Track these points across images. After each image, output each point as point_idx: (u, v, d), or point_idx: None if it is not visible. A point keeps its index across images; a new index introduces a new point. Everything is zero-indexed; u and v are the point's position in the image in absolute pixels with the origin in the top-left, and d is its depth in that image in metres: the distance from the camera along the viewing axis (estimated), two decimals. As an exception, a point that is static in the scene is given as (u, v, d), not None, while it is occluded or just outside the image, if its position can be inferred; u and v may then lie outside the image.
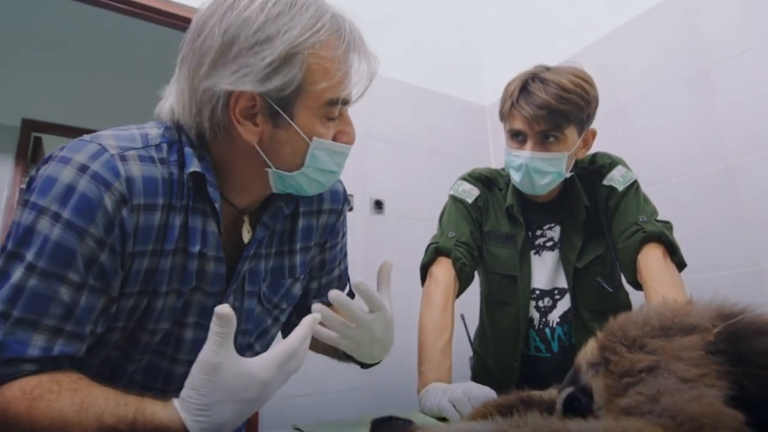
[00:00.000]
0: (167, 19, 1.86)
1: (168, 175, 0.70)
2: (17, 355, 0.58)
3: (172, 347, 0.75)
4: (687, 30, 1.75)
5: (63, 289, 0.61)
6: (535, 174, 1.17)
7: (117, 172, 0.64)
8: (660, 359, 0.38)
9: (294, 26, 0.66)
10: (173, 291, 0.71)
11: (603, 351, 0.42)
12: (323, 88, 0.69)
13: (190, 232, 0.71)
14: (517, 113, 1.16)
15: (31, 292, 0.59)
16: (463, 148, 2.50)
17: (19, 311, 0.59)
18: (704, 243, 1.60)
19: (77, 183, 0.62)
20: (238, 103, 0.68)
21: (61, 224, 0.61)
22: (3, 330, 0.58)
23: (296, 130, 0.70)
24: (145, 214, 0.67)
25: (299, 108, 0.69)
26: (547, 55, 2.01)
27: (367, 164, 2.16)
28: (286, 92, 0.67)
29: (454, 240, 1.24)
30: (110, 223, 0.63)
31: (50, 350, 0.60)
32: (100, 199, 0.63)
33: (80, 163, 0.63)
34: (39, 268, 0.60)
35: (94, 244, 0.62)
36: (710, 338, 0.38)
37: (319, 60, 0.68)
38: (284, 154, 0.71)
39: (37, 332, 0.59)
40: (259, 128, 0.70)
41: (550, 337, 1.28)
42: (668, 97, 1.79)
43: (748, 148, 1.55)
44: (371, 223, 2.11)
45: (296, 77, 0.67)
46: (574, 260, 1.24)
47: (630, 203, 1.21)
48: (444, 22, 2.67)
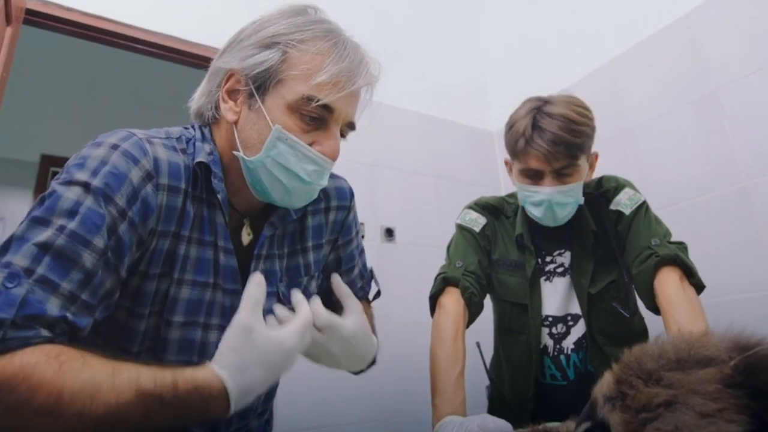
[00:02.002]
0: (183, 58, 1.91)
1: (187, 164, 0.75)
2: (37, 312, 0.56)
3: (198, 353, 0.75)
4: (691, 54, 1.77)
5: (86, 255, 0.61)
6: (558, 207, 1.17)
7: (145, 150, 0.70)
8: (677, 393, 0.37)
9: (285, 23, 0.75)
10: (190, 281, 0.73)
11: (619, 385, 0.42)
12: (295, 76, 0.72)
13: (204, 222, 0.75)
14: (533, 151, 1.14)
15: (57, 251, 0.59)
16: (472, 174, 2.51)
17: (43, 268, 0.58)
18: (721, 266, 1.58)
19: (108, 158, 0.66)
20: (228, 82, 0.77)
21: (92, 192, 0.63)
22: (25, 286, 0.56)
23: (264, 114, 0.73)
24: (169, 195, 0.71)
25: (272, 94, 0.74)
26: (553, 82, 2.04)
27: (377, 193, 2.18)
28: (260, 71, 0.73)
29: (462, 269, 1.23)
30: (134, 195, 0.67)
31: (64, 315, 0.59)
32: (127, 172, 0.66)
33: (112, 143, 0.68)
34: (68, 229, 0.60)
35: (116, 213, 0.65)
36: (727, 371, 0.38)
37: (297, 52, 0.73)
38: (251, 137, 0.75)
39: (55, 295, 0.58)
40: (238, 108, 0.76)
41: (566, 365, 1.25)
42: (676, 121, 1.79)
43: (762, 168, 1.54)
44: (382, 251, 2.11)
45: (272, 60, 0.73)
46: (587, 285, 1.22)
47: (641, 226, 1.19)
48: (451, 51, 2.72)
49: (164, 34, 1.87)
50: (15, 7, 1.51)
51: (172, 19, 1.90)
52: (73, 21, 1.72)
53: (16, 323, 0.54)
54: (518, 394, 1.27)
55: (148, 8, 1.86)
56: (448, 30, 2.75)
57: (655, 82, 1.88)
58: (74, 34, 1.76)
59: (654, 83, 1.88)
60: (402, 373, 1.79)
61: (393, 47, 2.36)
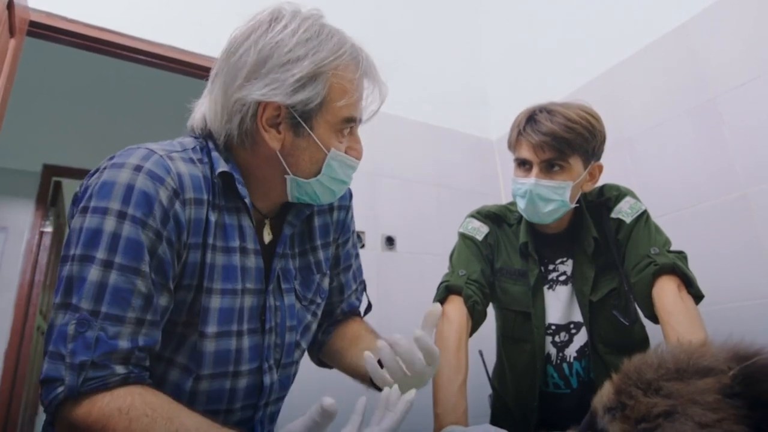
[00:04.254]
0: (184, 68, 1.92)
1: (206, 174, 0.77)
2: (110, 350, 0.62)
3: (234, 362, 0.77)
4: (689, 63, 1.78)
5: (139, 281, 0.66)
6: (539, 201, 1.18)
7: (168, 168, 0.71)
8: (676, 403, 0.37)
9: (321, 50, 0.76)
10: (219, 290, 0.75)
11: (619, 395, 0.42)
12: (341, 105, 0.78)
13: (227, 229, 0.77)
14: (523, 141, 1.19)
15: (114, 288, 0.64)
16: (472, 182, 2.51)
17: (106, 306, 0.63)
18: (722, 273, 1.57)
19: (135, 181, 0.68)
20: (265, 112, 0.76)
21: (129, 221, 0.66)
22: (96, 327, 0.62)
23: (315, 141, 0.78)
24: (195, 208, 0.74)
25: (319, 121, 0.78)
26: (552, 90, 2.05)
27: (378, 201, 2.18)
28: (310, 106, 0.76)
29: (465, 278, 1.24)
30: (165, 215, 0.69)
31: (136, 341, 0.64)
32: (156, 194, 0.68)
33: (134, 164, 0.69)
34: (116, 263, 0.65)
35: (153, 236, 0.68)
36: (726, 381, 0.38)
37: (340, 81, 0.77)
38: (303, 161, 0.79)
39: (124, 325, 0.64)
40: (281, 136, 0.77)
41: (568, 373, 1.25)
42: (674, 129, 1.80)
43: (761, 175, 1.55)
44: (383, 260, 2.11)
45: (320, 93, 0.76)
46: (589, 293, 1.23)
47: (641, 235, 1.20)
48: (451, 60, 2.74)
49: (166, 45, 1.88)
50: (19, 19, 1.53)
51: (173, 30, 1.91)
52: (76, 32, 1.73)
53: (94, 363, 0.61)
54: (522, 403, 1.27)
55: (149, 19, 1.88)
56: (448, 39, 2.76)
57: (654, 90, 1.89)
58: (77, 46, 1.78)
59: (652, 91, 1.89)
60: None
61: (393, 56, 2.37)
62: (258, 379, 0.80)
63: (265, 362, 0.81)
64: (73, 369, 0.60)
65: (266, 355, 0.81)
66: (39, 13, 1.68)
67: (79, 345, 0.61)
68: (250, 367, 0.79)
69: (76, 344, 0.61)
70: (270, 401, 0.84)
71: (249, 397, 0.80)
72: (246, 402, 0.80)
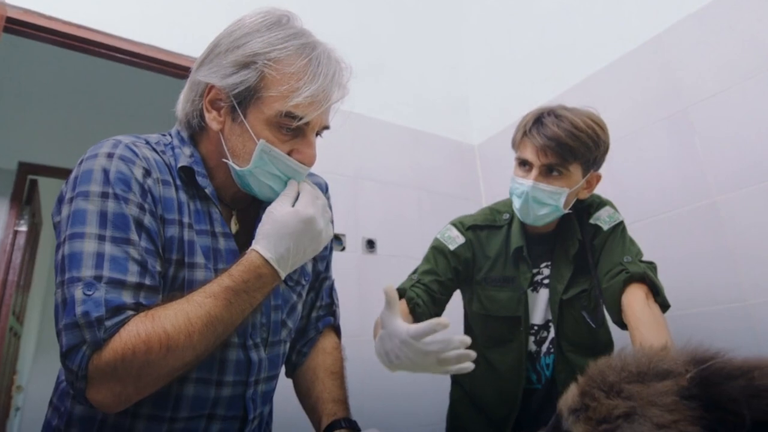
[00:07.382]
0: (161, 67, 1.91)
1: (169, 163, 0.83)
2: (119, 304, 0.67)
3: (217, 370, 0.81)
4: (663, 74, 1.83)
5: (132, 250, 0.71)
6: (534, 203, 1.19)
7: (135, 151, 0.78)
8: (636, 405, 0.39)
9: (260, 41, 0.80)
10: (202, 264, 0.80)
11: (583, 397, 0.43)
12: (274, 96, 0.78)
13: (199, 214, 0.83)
14: (528, 141, 1.20)
15: (111, 256, 0.69)
16: (453, 186, 2.54)
17: (107, 272, 0.68)
18: (691, 279, 1.62)
19: (109, 165, 0.74)
20: (210, 94, 0.82)
21: (111, 198, 0.72)
22: (102, 289, 0.67)
23: (247, 128, 0.80)
24: (164, 187, 0.79)
25: (252, 110, 0.80)
26: (531, 98, 2.08)
27: (359, 204, 2.19)
28: (240, 90, 0.79)
29: (413, 281, 1.27)
30: (143, 190, 0.76)
31: (138, 300, 0.70)
32: (131, 173, 0.75)
33: (106, 152, 0.76)
34: (107, 236, 0.70)
35: (136, 208, 0.74)
36: (683, 383, 0.40)
37: (273, 72, 0.79)
38: (237, 147, 0.82)
39: (125, 288, 0.69)
40: (222, 119, 0.82)
41: (540, 368, 1.28)
42: (649, 138, 1.85)
43: (730, 184, 1.60)
44: (363, 263, 2.12)
45: (250, 80, 0.79)
46: (561, 291, 1.25)
47: (615, 243, 1.23)
48: (433, 65, 2.76)
49: (146, 44, 1.86)
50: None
51: (153, 29, 1.90)
52: (54, 30, 1.70)
53: (108, 317, 0.66)
54: (505, 400, 1.28)
55: (129, 18, 1.86)
56: (430, 45, 2.79)
57: (629, 99, 1.93)
58: (55, 43, 1.75)
59: (628, 101, 1.94)
60: (384, 382, 1.79)
61: (376, 61, 2.39)
62: (245, 355, 0.83)
63: (250, 339, 0.84)
64: (90, 326, 0.65)
65: (251, 333, 0.84)
66: (16, 9, 1.65)
67: (90, 305, 0.65)
68: (236, 341, 0.82)
69: (86, 305, 0.65)
70: (260, 379, 0.87)
71: (239, 372, 0.83)
72: (236, 378, 0.83)
